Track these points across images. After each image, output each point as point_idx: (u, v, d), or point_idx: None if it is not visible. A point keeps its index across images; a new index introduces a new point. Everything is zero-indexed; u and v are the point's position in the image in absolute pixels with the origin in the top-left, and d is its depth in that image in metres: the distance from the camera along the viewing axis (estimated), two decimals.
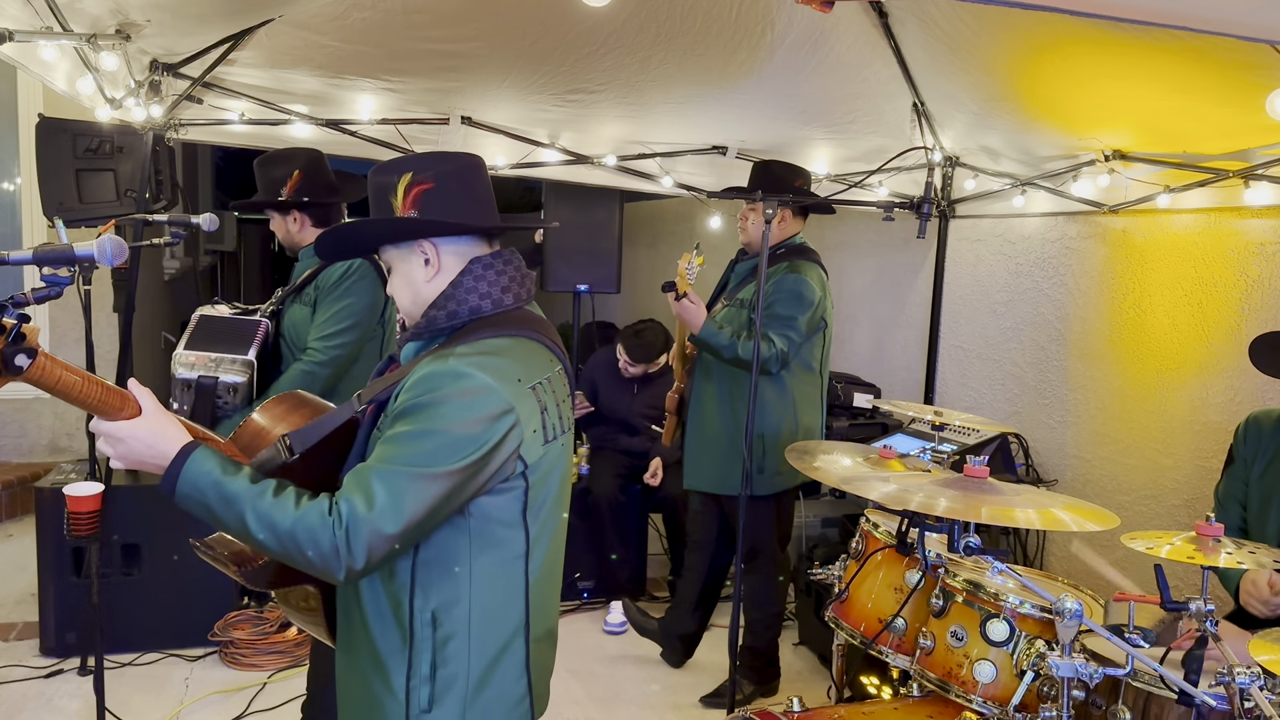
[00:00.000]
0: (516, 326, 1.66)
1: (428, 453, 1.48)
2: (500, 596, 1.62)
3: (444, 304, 1.64)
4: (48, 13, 2.85)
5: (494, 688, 1.62)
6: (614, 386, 4.87)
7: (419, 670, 1.57)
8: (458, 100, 3.96)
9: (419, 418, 1.49)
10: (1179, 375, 3.56)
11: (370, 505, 1.44)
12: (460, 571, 1.58)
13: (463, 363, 1.52)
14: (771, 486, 3.48)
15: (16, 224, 5.73)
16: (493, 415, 1.51)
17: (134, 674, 3.71)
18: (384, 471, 1.47)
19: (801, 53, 3.30)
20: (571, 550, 4.62)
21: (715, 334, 3.36)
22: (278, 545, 1.45)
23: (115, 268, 1.86)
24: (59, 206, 3.48)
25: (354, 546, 1.43)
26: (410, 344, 1.69)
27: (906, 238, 5.02)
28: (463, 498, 1.53)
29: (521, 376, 1.59)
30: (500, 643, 1.62)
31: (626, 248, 6.00)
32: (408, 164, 1.66)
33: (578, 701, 3.68)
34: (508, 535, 1.61)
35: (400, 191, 1.63)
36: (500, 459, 1.54)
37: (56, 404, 5.85)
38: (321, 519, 1.44)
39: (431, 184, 1.63)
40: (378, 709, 1.61)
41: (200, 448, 1.49)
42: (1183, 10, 1.39)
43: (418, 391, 1.51)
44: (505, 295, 1.67)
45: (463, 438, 1.49)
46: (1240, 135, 3.04)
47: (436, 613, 1.57)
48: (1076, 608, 1.81)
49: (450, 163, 1.69)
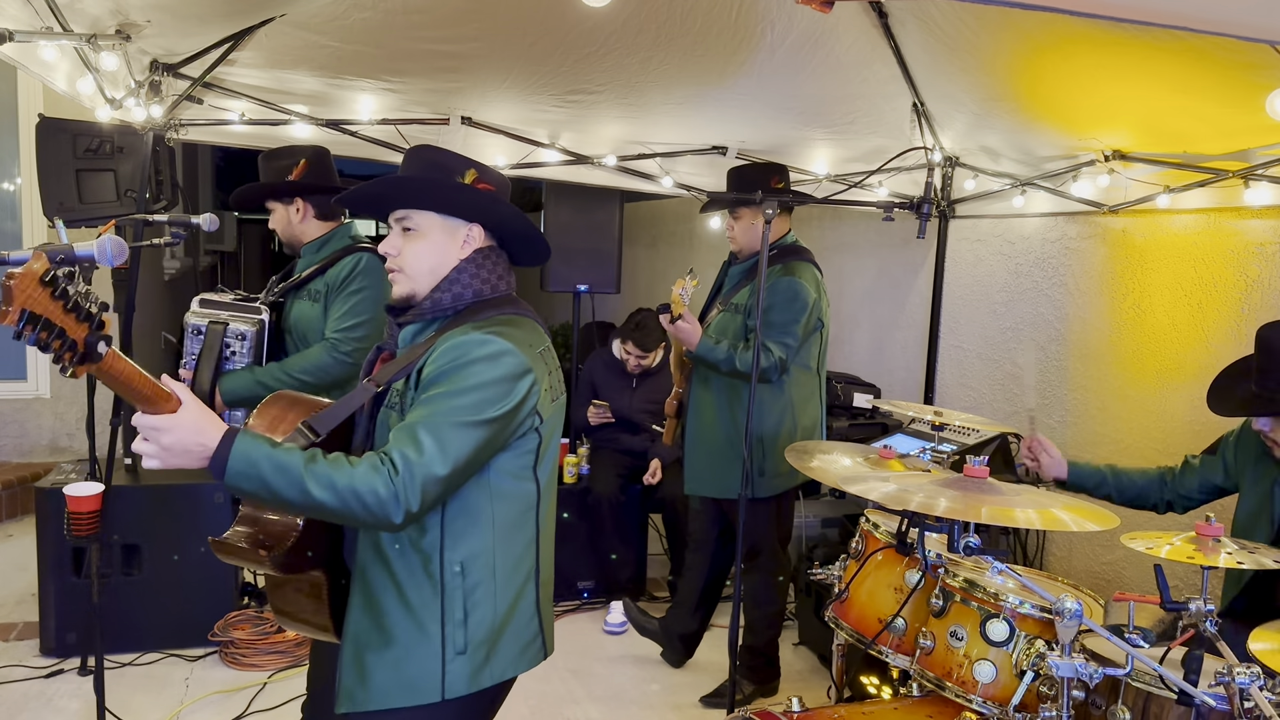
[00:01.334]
0: (513, 306, 1.87)
1: (466, 406, 1.64)
2: (517, 545, 1.79)
3: (450, 287, 1.81)
4: (48, 13, 2.85)
5: (513, 630, 1.80)
6: (613, 384, 4.88)
7: (453, 616, 1.72)
8: (458, 100, 3.96)
9: (453, 379, 1.66)
10: (1179, 375, 3.57)
11: (420, 452, 1.59)
12: (485, 523, 1.74)
13: (483, 332, 1.70)
14: (771, 488, 3.49)
15: (17, 224, 5.73)
16: (516, 374, 1.70)
17: (134, 674, 3.72)
18: (429, 423, 1.62)
19: (801, 53, 3.30)
20: (571, 550, 4.69)
21: (711, 349, 3.37)
22: (338, 501, 1.55)
23: (115, 268, 1.87)
24: (59, 207, 3.48)
25: (409, 489, 1.58)
26: (410, 327, 1.84)
27: (906, 238, 5.02)
28: (498, 445, 1.71)
29: (532, 343, 1.79)
30: (517, 588, 1.80)
31: (626, 248, 6.00)
32: (470, 161, 1.87)
33: (578, 701, 3.68)
34: (521, 488, 1.79)
35: (469, 178, 1.84)
36: (525, 413, 1.73)
37: (56, 404, 5.85)
38: (376, 469, 1.57)
39: (494, 188, 1.86)
40: (406, 659, 1.72)
41: (244, 429, 1.58)
42: (1183, 10, 1.39)
43: (449, 359, 1.67)
44: (501, 283, 1.88)
45: (495, 392, 1.67)
46: (1240, 135, 3.04)
47: (464, 563, 1.73)
48: (1076, 608, 1.81)
49: (504, 180, 1.92)
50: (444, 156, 1.87)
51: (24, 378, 5.82)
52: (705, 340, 3.38)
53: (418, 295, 1.83)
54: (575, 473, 4.77)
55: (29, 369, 5.82)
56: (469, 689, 1.74)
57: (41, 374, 5.83)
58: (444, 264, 1.82)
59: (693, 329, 3.39)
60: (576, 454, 4.81)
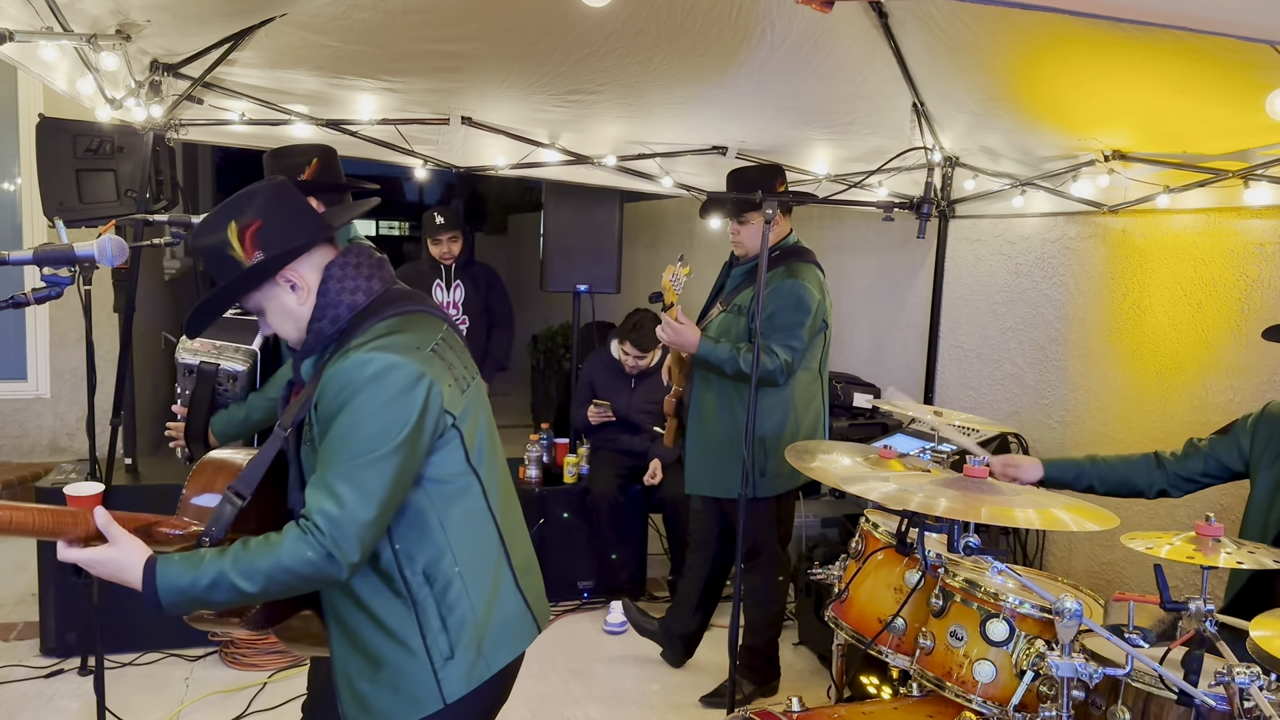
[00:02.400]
0: (394, 305, 1.77)
1: (367, 440, 1.60)
2: (477, 537, 1.77)
3: (322, 315, 1.74)
4: (48, 13, 2.85)
5: (498, 616, 1.79)
6: (612, 385, 4.88)
7: (430, 625, 1.71)
8: (458, 100, 3.96)
9: (347, 414, 1.61)
10: (1178, 375, 3.57)
11: (340, 504, 1.57)
12: (434, 529, 1.71)
13: (361, 353, 1.63)
14: (773, 489, 3.49)
15: (17, 224, 5.73)
16: (408, 385, 1.63)
17: (134, 674, 3.72)
18: (339, 471, 1.59)
19: (801, 53, 3.30)
20: (571, 550, 4.68)
21: (713, 350, 3.33)
22: (274, 585, 1.57)
23: (116, 268, 1.87)
24: (59, 206, 3.48)
25: (342, 544, 1.56)
26: (306, 360, 1.79)
27: (906, 238, 5.02)
28: (417, 463, 1.67)
29: (419, 344, 1.71)
30: (490, 576, 1.79)
31: (626, 248, 6.00)
32: (224, 215, 1.71)
33: (578, 701, 3.68)
34: (460, 484, 1.75)
35: (234, 242, 1.69)
36: (432, 420, 1.67)
37: (57, 404, 5.86)
38: (301, 539, 1.56)
39: (260, 220, 1.71)
40: (398, 675, 1.73)
41: (159, 559, 1.58)
42: (1183, 10, 1.39)
43: (333, 392, 1.62)
44: (372, 283, 1.77)
45: (393, 416, 1.61)
46: (1240, 135, 3.04)
47: (427, 570, 1.71)
48: (1076, 608, 1.81)
49: (263, 195, 1.75)
50: (205, 239, 1.71)
51: (24, 378, 5.82)
52: (705, 342, 3.36)
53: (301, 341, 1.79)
54: (575, 473, 4.77)
55: (29, 369, 5.83)
56: (469, 687, 1.75)
57: (42, 374, 5.83)
58: (298, 313, 1.75)
59: (689, 330, 3.38)
60: (576, 454, 4.82)
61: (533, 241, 7.10)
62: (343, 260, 1.77)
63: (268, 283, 1.73)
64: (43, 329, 5.77)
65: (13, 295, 1.92)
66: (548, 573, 5.04)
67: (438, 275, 4.80)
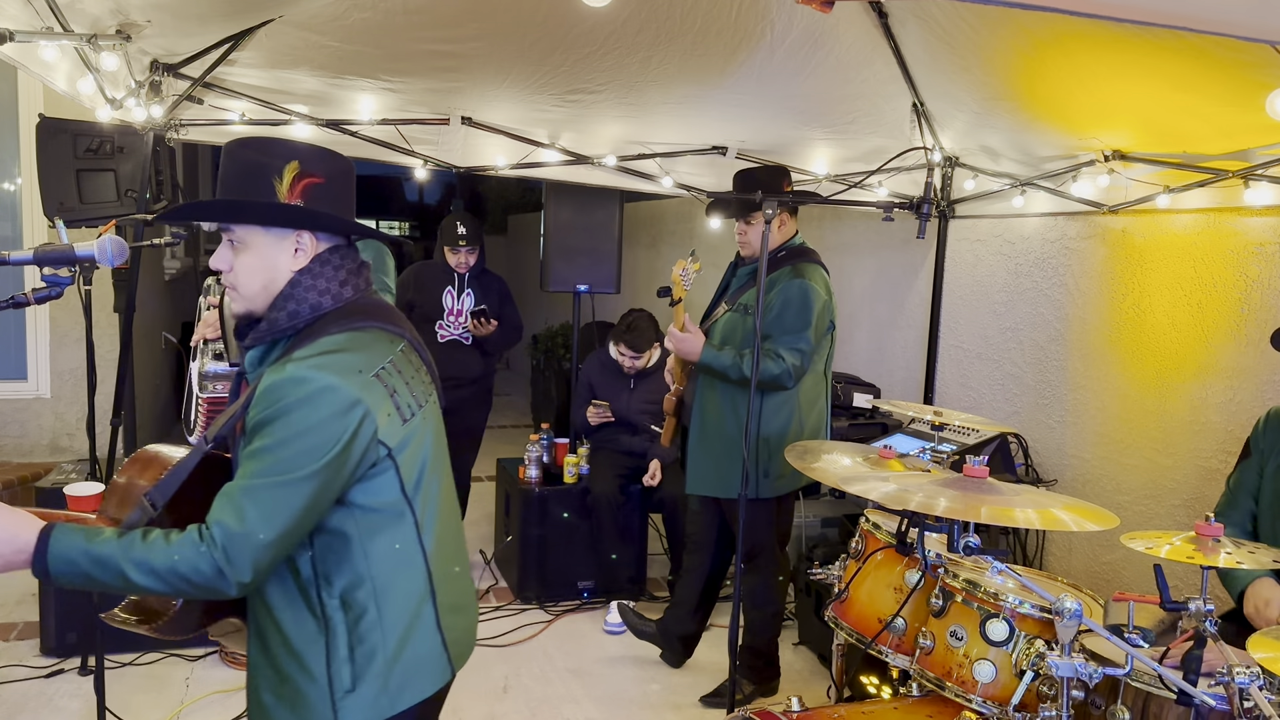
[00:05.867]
0: (355, 318, 1.69)
1: (286, 460, 1.53)
2: (401, 571, 1.68)
3: (284, 304, 1.66)
4: (48, 13, 2.85)
5: (411, 651, 1.69)
6: (611, 385, 4.88)
7: (338, 652, 1.64)
8: (458, 100, 3.96)
9: (271, 430, 1.54)
10: (1178, 375, 3.57)
11: (242, 521, 1.50)
12: (357, 555, 1.64)
13: (301, 367, 1.56)
14: (776, 489, 3.48)
15: (17, 224, 5.73)
16: (340, 410, 1.56)
17: (134, 674, 3.72)
18: (249, 486, 1.53)
19: (801, 53, 3.30)
20: (571, 550, 4.68)
21: (717, 357, 3.36)
22: (163, 584, 1.50)
23: (116, 268, 1.86)
24: (59, 207, 3.48)
25: (235, 562, 1.50)
26: (253, 352, 1.71)
27: (906, 238, 5.02)
28: (334, 492, 1.59)
29: (362, 367, 1.62)
30: (410, 612, 1.69)
31: (626, 248, 6.00)
32: (293, 151, 1.66)
33: (578, 701, 3.68)
34: (394, 514, 1.67)
35: (287, 176, 1.64)
36: (360, 449, 1.59)
37: (57, 404, 5.85)
38: (195, 546, 1.50)
39: (322, 179, 1.67)
40: (299, 698, 1.65)
41: (58, 526, 1.53)
42: (1183, 10, 1.39)
43: (264, 405, 1.55)
44: (344, 289, 1.71)
45: (317, 440, 1.54)
46: (1240, 135, 3.04)
47: (344, 596, 1.64)
48: (1076, 607, 1.82)
49: (339, 163, 1.72)
50: (257, 156, 1.66)
51: (24, 378, 5.82)
52: (708, 350, 3.38)
53: (255, 313, 1.71)
54: (575, 473, 4.78)
55: (29, 369, 5.82)
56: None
57: (42, 374, 5.83)
58: (276, 278, 1.67)
59: (695, 338, 3.39)
60: (576, 454, 4.82)
61: (533, 241, 7.11)
62: (331, 254, 1.71)
63: (283, 230, 1.67)
64: (43, 329, 5.77)
65: (13, 295, 1.92)
66: (548, 572, 5.05)
67: (450, 282, 4.78)
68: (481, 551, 5.27)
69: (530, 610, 4.56)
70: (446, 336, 4.79)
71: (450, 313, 4.79)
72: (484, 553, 5.25)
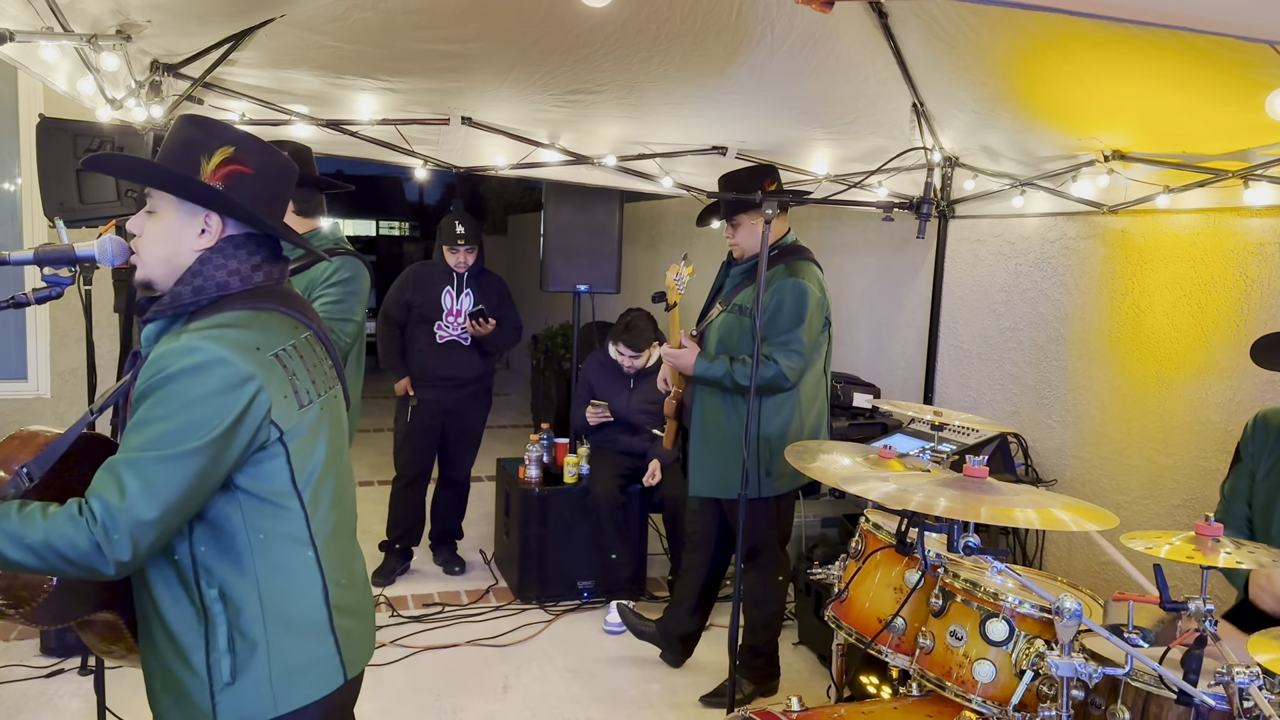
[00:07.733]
0: (258, 300, 1.65)
1: (171, 433, 1.47)
2: (288, 565, 1.63)
3: (190, 280, 1.62)
4: (48, 13, 2.85)
5: (300, 653, 1.64)
6: (611, 385, 4.88)
7: (217, 645, 1.58)
8: (458, 100, 3.96)
9: (157, 400, 1.48)
10: (1178, 375, 3.57)
11: (123, 496, 1.43)
12: (240, 546, 1.58)
13: (195, 338, 1.51)
14: (777, 489, 3.49)
15: (17, 224, 5.73)
16: (232, 385, 1.50)
17: (134, 674, 3.71)
18: (132, 460, 1.46)
19: (801, 53, 3.31)
20: (571, 550, 4.68)
21: (708, 368, 3.41)
22: (36, 560, 1.43)
23: (116, 268, 1.86)
24: (59, 207, 3.48)
25: (115, 539, 1.43)
26: (152, 325, 1.66)
27: (906, 238, 5.03)
28: (221, 470, 1.53)
29: (260, 345, 1.57)
30: (299, 609, 1.64)
31: (626, 248, 6.01)
32: (234, 138, 1.64)
33: (578, 701, 3.68)
34: (282, 505, 1.61)
35: (216, 159, 1.61)
36: (250, 427, 1.53)
37: (57, 404, 5.85)
38: (73, 520, 1.43)
39: (251, 171, 1.64)
40: (180, 689, 1.61)
41: None
42: (1182, 10, 1.39)
43: (151, 373, 1.49)
44: (255, 274, 1.67)
45: (203, 412, 1.48)
46: (1240, 135, 3.04)
47: (224, 588, 1.58)
48: (1076, 607, 1.82)
49: (278, 161, 1.69)
50: (198, 132, 1.63)
51: (24, 378, 5.82)
52: (700, 361, 3.42)
53: (156, 285, 1.67)
54: (575, 473, 4.78)
55: (29, 369, 5.82)
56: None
57: (42, 374, 5.83)
58: (179, 253, 1.63)
59: (689, 351, 3.43)
60: (576, 454, 4.82)
61: (533, 241, 7.11)
62: (240, 241, 1.66)
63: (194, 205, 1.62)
64: (43, 329, 5.76)
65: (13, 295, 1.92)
66: (548, 573, 5.05)
67: (449, 282, 4.78)
68: (481, 551, 5.28)
69: (530, 610, 4.57)
70: (445, 337, 4.79)
71: (449, 313, 4.79)
72: (484, 553, 5.25)
